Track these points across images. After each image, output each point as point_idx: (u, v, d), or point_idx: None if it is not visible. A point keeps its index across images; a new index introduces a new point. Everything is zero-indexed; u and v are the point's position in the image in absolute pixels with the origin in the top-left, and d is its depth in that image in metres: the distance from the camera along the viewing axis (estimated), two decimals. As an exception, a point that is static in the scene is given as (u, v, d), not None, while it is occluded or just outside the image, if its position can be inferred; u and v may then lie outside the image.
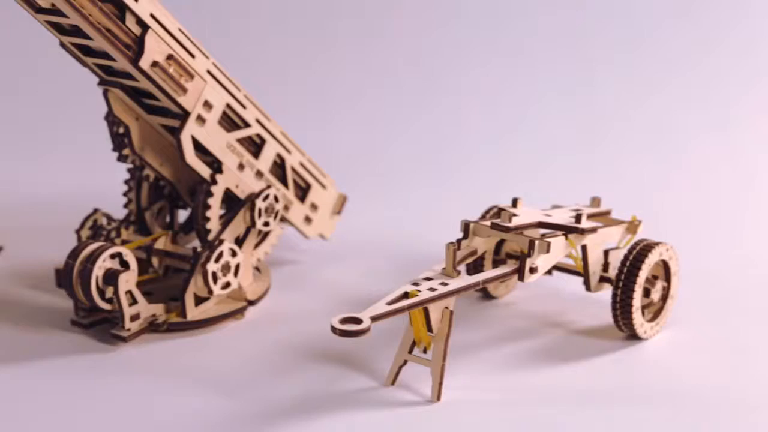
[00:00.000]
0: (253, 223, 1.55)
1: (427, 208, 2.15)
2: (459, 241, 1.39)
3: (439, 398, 1.30)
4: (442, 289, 1.28)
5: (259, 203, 1.54)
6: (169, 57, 1.40)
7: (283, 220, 1.70)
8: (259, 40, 2.62)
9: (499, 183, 2.23)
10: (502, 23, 2.59)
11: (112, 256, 1.42)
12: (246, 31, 2.62)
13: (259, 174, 1.58)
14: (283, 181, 1.66)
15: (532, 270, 1.36)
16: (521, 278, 1.37)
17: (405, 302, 1.24)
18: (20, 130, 2.41)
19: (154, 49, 1.38)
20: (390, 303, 1.24)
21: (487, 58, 2.57)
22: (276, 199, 1.57)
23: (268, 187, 1.56)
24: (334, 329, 1.17)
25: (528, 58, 2.56)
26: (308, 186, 1.72)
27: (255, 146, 1.59)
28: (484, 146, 2.41)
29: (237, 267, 1.51)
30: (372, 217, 2.05)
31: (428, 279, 1.32)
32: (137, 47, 1.36)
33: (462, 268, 1.38)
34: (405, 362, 1.33)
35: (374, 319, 1.19)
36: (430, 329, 1.30)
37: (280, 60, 2.60)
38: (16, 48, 2.57)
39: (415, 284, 1.29)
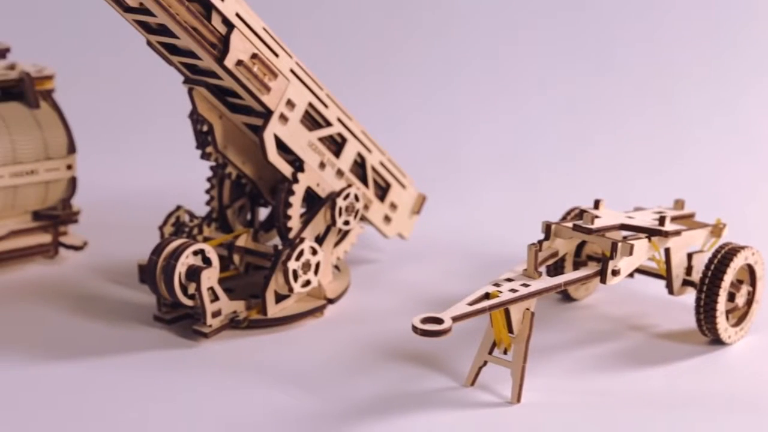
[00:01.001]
0: (333, 222, 1.55)
1: (505, 208, 2.13)
2: (540, 242, 1.38)
3: (519, 400, 1.29)
4: (523, 291, 1.27)
5: (340, 202, 1.55)
6: (254, 56, 1.41)
7: (363, 219, 1.70)
8: (334, 38, 2.63)
9: (578, 184, 2.21)
10: (581, 24, 2.57)
11: (195, 253, 1.44)
12: (319, 30, 2.63)
13: (340, 173, 1.59)
14: (364, 180, 1.66)
15: (615, 272, 1.35)
16: (603, 281, 1.35)
17: (486, 303, 1.23)
18: (105, 127, 2.44)
19: (239, 48, 1.39)
20: (471, 303, 1.23)
21: (566, 59, 2.55)
22: (356, 198, 1.58)
23: (349, 186, 1.57)
24: (415, 329, 1.17)
25: (609, 58, 2.54)
26: (388, 185, 1.72)
27: (336, 145, 1.59)
28: (564, 147, 2.39)
29: (317, 265, 1.52)
30: (450, 218, 2.05)
31: (509, 280, 1.31)
32: (223, 46, 1.38)
33: (542, 269, 1.37)
34: (485, 363, 1.33)
35: (455, 319, 1.19)
36: (510, 330, 1.29)
37: (357, 58, 2.61)
38: (104, 46, 2.61)
39: (497, 285, 1.29)
